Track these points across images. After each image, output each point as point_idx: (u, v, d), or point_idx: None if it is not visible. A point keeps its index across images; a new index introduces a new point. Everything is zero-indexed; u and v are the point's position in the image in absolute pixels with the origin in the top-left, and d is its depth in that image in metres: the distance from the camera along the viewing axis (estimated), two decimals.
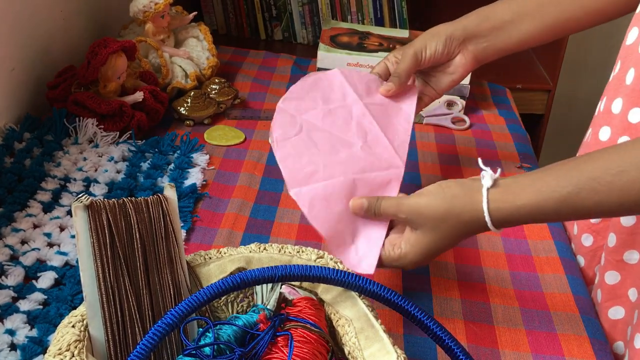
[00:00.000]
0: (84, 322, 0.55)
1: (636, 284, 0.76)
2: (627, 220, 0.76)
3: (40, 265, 0.76)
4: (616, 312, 0.78)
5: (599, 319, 0.79)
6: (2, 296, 0.70)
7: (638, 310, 0.74)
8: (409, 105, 0.88)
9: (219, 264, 0.62)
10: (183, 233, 0.83)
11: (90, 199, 0.56)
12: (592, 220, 0.86)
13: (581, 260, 0.88)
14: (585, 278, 0.87)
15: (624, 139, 0.80)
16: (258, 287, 0.61)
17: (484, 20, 0.87)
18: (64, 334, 0.53)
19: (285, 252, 0.63)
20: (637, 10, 0.80)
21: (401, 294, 0.57)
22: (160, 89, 1.07)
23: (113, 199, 0.58)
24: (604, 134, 0.83)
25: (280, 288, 0.60)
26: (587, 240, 0.87)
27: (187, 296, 0.58)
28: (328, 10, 1.58)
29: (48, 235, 0.80)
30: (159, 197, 0.59)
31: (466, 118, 1.18)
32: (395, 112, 0.86)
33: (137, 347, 0.48)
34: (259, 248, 0.64)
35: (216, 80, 1.14)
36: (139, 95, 1.01)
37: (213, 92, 1.13)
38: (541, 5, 0.86)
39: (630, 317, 0.77)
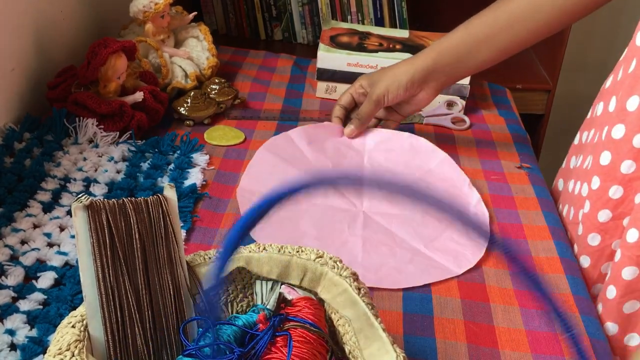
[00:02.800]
0: (84, 322, 0.55)
1: None
2: None
3: (40, 265, 0.76)
4: (631, 307, 0.80)
5: (611, 316, 0.80)
6: (2, 296, 0.70)
7: None
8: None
9: None
10: (183, 233, 0.83)
11: (90, 199, 0.56)
12: (600, 220, 0.85)
13: (586, 260, 0.88)
14: (589, 278, 0.87)
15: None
16: (258, 287, 0.61)
17: (442, 56, 0.97)
18: (64, 334, 0.53)
19: (284, 251, 0.63)
20: None
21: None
22: (160, 89, 1.07)
23: (113, 199, 0.58)
24: (618, 132, 0.82)
25: (280, 288, 0.60)
26: (594, 240, 0.87)
27: (187, 296, 0.59)
28: (328, 10, 1.58)
29: (48, 235, 0.80)
30: (159, 197, 0.59)
31: (466, 118, 1.17)
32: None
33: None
34: (259, 248, 0.64)
35: (216, 80, 1.14)
36: (139, 95, 1.01)
37: (213, 92, 1.13)
38: (494, 33, 0.94)
39: None
